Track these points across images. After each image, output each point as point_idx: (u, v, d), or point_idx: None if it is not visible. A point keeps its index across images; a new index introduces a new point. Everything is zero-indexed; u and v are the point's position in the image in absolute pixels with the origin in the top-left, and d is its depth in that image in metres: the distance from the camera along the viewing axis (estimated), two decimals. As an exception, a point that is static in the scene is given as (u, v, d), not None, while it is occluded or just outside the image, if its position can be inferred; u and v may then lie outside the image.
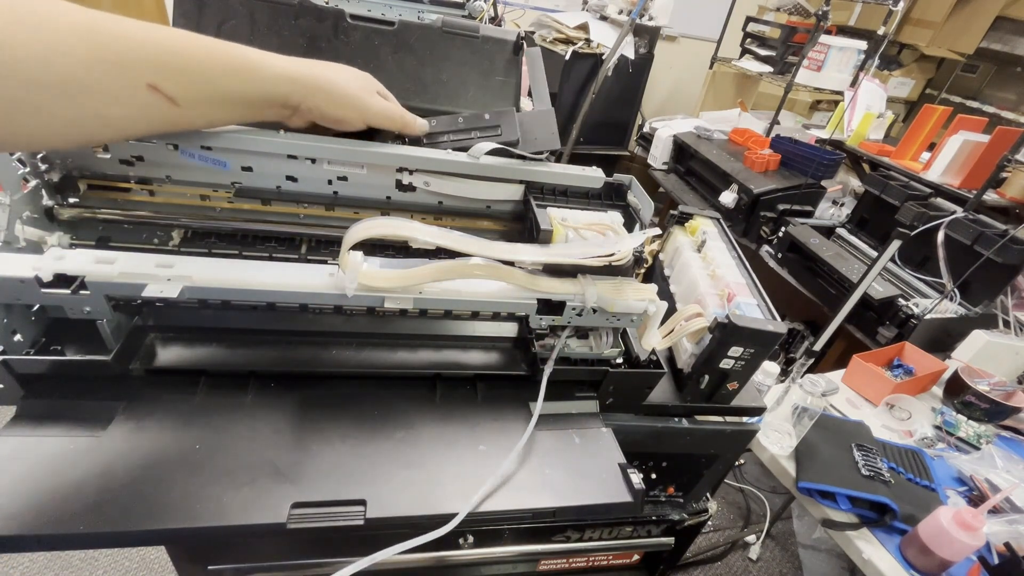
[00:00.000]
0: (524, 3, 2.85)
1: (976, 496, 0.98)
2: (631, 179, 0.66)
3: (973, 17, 2.52)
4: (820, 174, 1.97)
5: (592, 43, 2.42)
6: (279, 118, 0.48)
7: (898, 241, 1.01)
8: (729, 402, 0.66)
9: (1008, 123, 2.63)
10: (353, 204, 0.61)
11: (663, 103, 3.43)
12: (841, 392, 1.24)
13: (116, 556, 1.32)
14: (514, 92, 0.85)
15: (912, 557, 0.84)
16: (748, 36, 2.81)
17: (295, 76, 0.46)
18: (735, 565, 1.57)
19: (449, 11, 1.13)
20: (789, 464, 0.98)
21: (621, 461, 0.53)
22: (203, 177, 0.56)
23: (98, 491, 0.40)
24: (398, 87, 0.83)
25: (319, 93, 0.48)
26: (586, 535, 0.79)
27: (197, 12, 0.72)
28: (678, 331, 0.60)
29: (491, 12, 1.34)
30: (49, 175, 0.51)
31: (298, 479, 0.43)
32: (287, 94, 0.46)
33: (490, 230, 0.66)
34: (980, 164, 1.69)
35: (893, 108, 2.68)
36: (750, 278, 0.68)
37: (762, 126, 2.52)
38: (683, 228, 0.80)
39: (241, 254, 0.58)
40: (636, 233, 0.55)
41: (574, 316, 0.53)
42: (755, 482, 1.77)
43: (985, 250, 1.40)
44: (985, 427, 1.15)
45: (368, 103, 0.52)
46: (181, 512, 0.39)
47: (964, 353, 1.31)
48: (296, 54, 0.47)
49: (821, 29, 2.20)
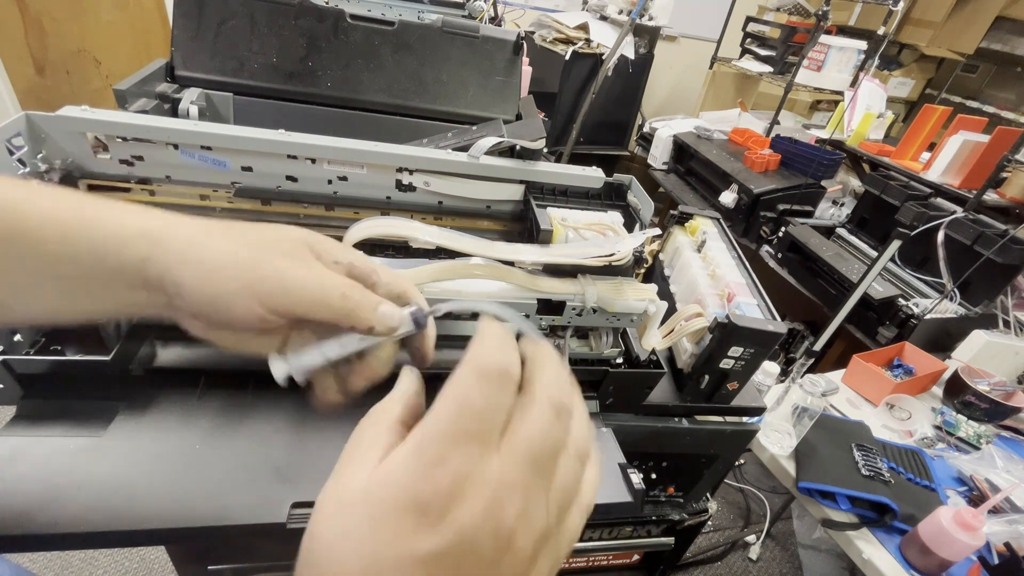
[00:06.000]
0: (524, 3, 2.85)
1: (976, 496, 0.98)
2: (631, 179, 0.66)
3: (973, 17, 2.52)
4: (820, 174, 1.96)
5: (592, 43, 2.42)
6: (143, 310, 0.30)
7: (898, 241, 1.01)
8: (729, 402, 0.66)
9: (1008, 123, 2.63)
10: (353, 204, 0.61)
11: (663, 103, 3.43)
12: (841, 392, 1.24)
13: (116, 556, 1.32)
14: (514, 92, 0.85)
15: (912, 557, 0.84)
16: (748, 36, 2.81)
17: (153, 232, 0.28)
18: (735, 565, 1.57)
19: (449, 11, 1.13)
20: (789, 464, 0.98)
21: (621, 461, 0.53)
22: (203, 177, 0.56)
23: (98, 491, 0.40)
24: (398, 87, 0.84)
25: (185, 257, 0.28)
26: (586, 535, 0.79)
27: (197, 12, 0.72)
28: (678, 331, 0.60)
29: (491, 12, 1.34)
30: (49, 175, 0.51)
31: (298, 479, 0.43)
32: (143, 260, 0.28)
33: (490, 230, 0.66)
34: (980, 164, 1.69)
35: (893, 108, 2.68)
36: (750, 278, 0.68)
37: (762, 126, 2.51)
38: (683, 228, 0.80)
39: (241, 254, 0.58)
40: (636, 233, 0.55)
41: (574, 316, 0.53)
42: (755, 482, 1.77)
43: (985, 250, 1.40)
44: (985, 427, 1.15)
45: (278, 271, 0.29)
46: (181, 512, 0.39)
47: (964, 353, 1.31)
48: (296, 54, 0.46)
49: (821, 29, 2.20)
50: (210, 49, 0.74)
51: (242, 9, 0.73)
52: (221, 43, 0.74)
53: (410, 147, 0.58)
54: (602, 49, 2.41)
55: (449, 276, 0.48)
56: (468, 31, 0.81)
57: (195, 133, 0.52)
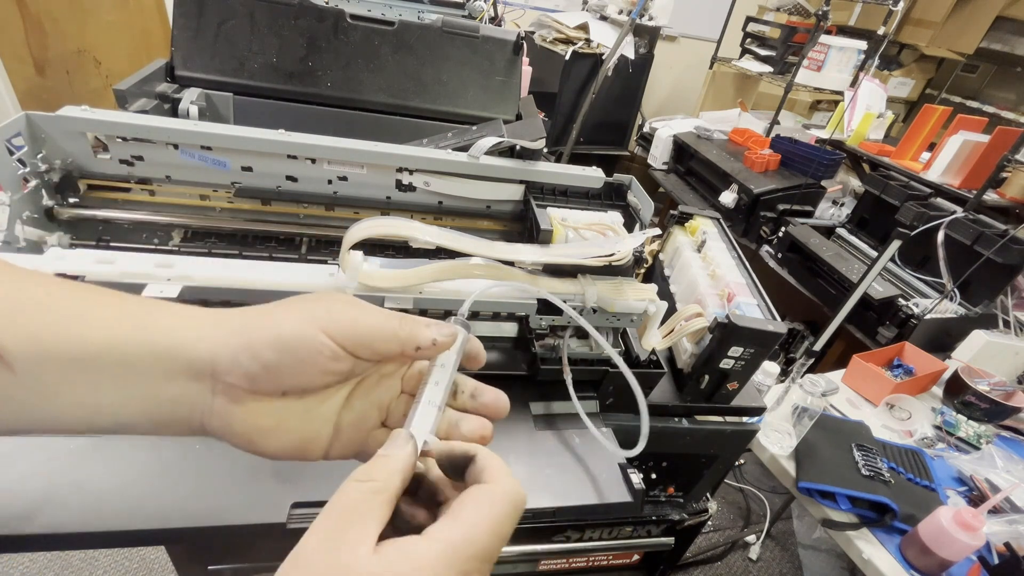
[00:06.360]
0: (524, 3, 2.85)
1: (976, 496, 0.98)
2: (631, 179, 0.66)
3: (973, 17, 2.52)
4: (820, 174, 1.97)
5: (592, 43, 2.42)
6: (192, 404, 0.27)
7: (898, 241, 1.01)
8: (729, 402, 0.66)
9: (1008, 123, 2.63)
10: (353, 204, 0.61)
11: (663, 103, 3.43)
12: (841, 392, 1.24)
13: (116, 556, 1.32)
14: (514, 92, 0.85)
15: (912, 557, 0.84)
16: (748, 36, 2.81)
17: (206, 316, 0.27)
18: (735, 565, 1.57)
19: (449, 11, 1.13)
20: (789, 464, 0.98)
21: (621, 461, 0.53)
22: (203, 177, 0.56)
23: (98, 491, 0.40)
24: (398, 87, 0.84)
25: (260, 343, 0.27)
26: (586, 535, 0.79)
27: (197, 12, 0.72)
28: (678, 331, 0.60)
29: (491, 12, 1.34)
30: (49, 175, 0.51)
31: (298, 479, 0.43)
32: (197, 339, 0.26)
33: (490, 230, 0.66)
34: (980, 164, 1.69)
35: (893, 108, 2.68)
36: (750, 278, 0.68)
37: (762, 126, 2.51)
38: (683, 228, 0.80)
39: (241, 254, 0.58)
40: (636, 233, 0.55)
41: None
42: (755, 482, 1.77)
43: (985, 250, 1.40)
44: (985, 427, 1.15)
45: (343, 311, 0.29)
46: (181, 512, 0.39)
47: (964, 353, 1.31)
48: (296, 54, 0.46)
49: (821, 29, 2.20)
50: (210, 49, 0.74)
51: (242, 9, 0.73)
52: (221, 43, 0.74)
53: (410, 147, 0.58)
54: (602, 49, 2.41)
55: (449, 276, 0.48)
56: (468, 31, 0.81)
57: (195, 133, 0.52)
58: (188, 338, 0.26)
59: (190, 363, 0.26)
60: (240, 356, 0.26)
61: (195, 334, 0.26)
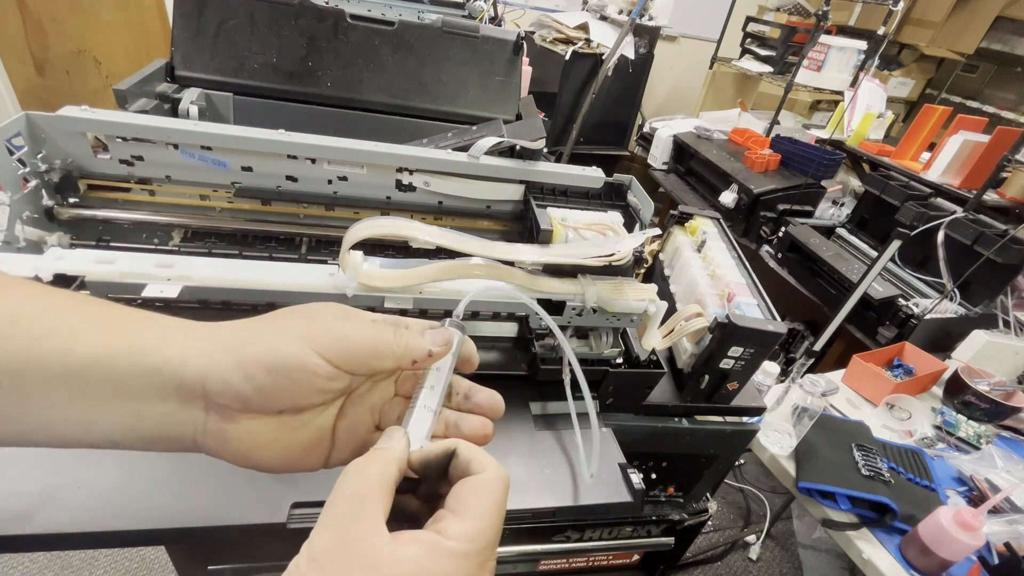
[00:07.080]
0: (524, 3, 2.85)
1: (976, 496, 0.98)
2: (631, 179, 0.66)
3: (973, 17, 2.52)
4: (820, 174, 1.97)
5: (592, 43, 2.42)
6: (184, 423, 0.26)
7: (898, 241, 1.01)
8: (729, 402, 0.66)
9: (1008, 123, 2.63)
10: (353, 204, 0.61)
11: (663, 103, 3.43)
12: (841, 392, 1.24)
13: (116, 556, 1.32)
14: (514, 92, 0.85)
15: (912, 557, 0.84)
16: (748, 36, 2.81)
17: (198, 331, 0.27)
18: (735, 565, 1.57)
19: (449, 11, 1.13)
20: (789, 464, 0.98)
21: (621, 461, 0.53)
22: (203, 177, 0.56)
23: (98, 491, 0.40)
24: (398, 87, 0.84)
25: (253, 364, 0.26)
26: (586, 535, 0.79)
27: (197, 12, 0.72)
28: (678, 331, 0.60)
29: (491, 12, 1.34)
30: (49, 175, 0.51)
31: (298, 479, 0.43)
32: (183, 360, 0.25)
33: (490, 230, 0.66)
34: (980, 164, 1.69)
35: (893, 108, 2.68)
36: (750, 278, 0.68)
37: (762, 126, 2.51)
38: (683, 228, 0.80)
39: (241, 254, 0.58)
40: (636, 233, 0.55)
41: (574, 316, 0.53)
42: (755, 482, 1.77)
43: (985, 250, 1.40)
44: (985, 427, 1.15)
45: (336, 327, 0.28)
46: (181, 512, 0.39)
47: (964, 353, 1.31)
48: (296, 54, 0.46)
49: (821, 29, 2.20)
50: (210, 49, 0.74)
51: (242, 9, 0.73)
52: (221, 43, 0.74)
53: (410, 147, 0.58)
54: (602, 49, 2.41)
55: (449, 276, 0.48)
56: (468, 31, 0.81)
57: (195, 133, 0.52)
58: (177, 355, 0.25)
59: (180, 383, 0.25)
60: (232, 377, 0.26)
61: (185, 351, 0.26)
